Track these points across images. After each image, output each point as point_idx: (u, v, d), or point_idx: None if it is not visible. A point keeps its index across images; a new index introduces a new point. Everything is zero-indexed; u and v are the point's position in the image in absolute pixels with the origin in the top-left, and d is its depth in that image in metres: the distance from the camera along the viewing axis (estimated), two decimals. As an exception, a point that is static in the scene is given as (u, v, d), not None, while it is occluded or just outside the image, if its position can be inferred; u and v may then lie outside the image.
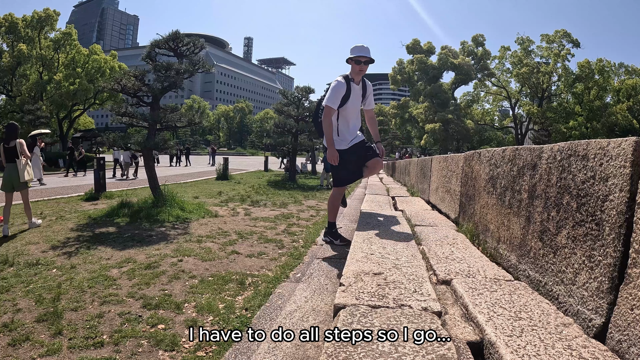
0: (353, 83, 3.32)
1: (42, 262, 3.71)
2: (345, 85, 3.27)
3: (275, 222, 6.00)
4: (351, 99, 3.32)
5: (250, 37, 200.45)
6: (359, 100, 3.42)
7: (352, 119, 3.40)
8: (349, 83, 3.29)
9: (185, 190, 9.86)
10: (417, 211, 4.74)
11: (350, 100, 3.32)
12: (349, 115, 3.36)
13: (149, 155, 7.26)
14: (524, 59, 38.36)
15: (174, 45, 7.20)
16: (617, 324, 1.27)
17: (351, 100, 3.32)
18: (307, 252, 4.28)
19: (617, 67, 38.87)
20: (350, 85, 3.29)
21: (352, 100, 3.33)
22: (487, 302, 1.65)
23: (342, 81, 3.28)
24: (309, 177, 17.57)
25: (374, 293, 1.81)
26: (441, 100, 42.42)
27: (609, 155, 1.41)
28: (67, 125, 31.90)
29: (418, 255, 2.54)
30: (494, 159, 2.73)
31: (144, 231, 5.16)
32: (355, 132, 3.52)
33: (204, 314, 2.62)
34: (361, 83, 3.42)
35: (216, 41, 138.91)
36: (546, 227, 1.83)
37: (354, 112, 3.39)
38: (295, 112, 15.36)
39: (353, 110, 3.37)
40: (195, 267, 3.62)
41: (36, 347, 2.15)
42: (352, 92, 3.30)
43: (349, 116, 3.36)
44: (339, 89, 3.26)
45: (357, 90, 3.37)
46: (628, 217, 1.29)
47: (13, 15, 28.04)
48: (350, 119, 3.38)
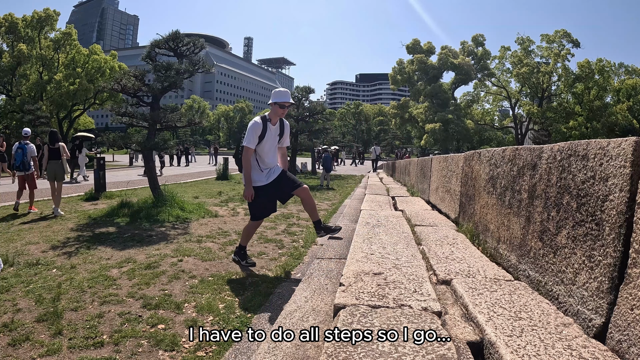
0: (269, 123, 3.64)
1: (42, 262, 3.71)
2: (261, 126, 3.57)
3: (275, 222, 6.00)
4: (267, 138, 3.60)
5: (250, 37, 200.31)
6: (276, 139, 3.73)
7: (267, 157, 3.67)
8: (266, 123, 3.61)
9: (185, 190, 9.86)
10: (417, 211, 4.74)
11: (266, 139, 3.60)
12: (264, 153, 3.64)
13: (149, 155, 7.26)
14: (524, 59, 38.32)
15: (174, 45, 7.20)
16: (617, 324, 1.27)
17: (267, 139, 3.61)
18: (307, 252, 4.28)
19: (617, 67, 38.83)
20: (266, 126, 3.60)
21: (268, 139, 3.62)
22: (487, 302, 1.65)
23: (259, 122, 3.58)
24: (309, 177, 17.57)
25: (374, 293, 1.81)
26: (441, 100, 42.39)
27: (609, 155, 1.41)
28: (67, 125, 31.90)
29: (418, 255, 2.54)
30: (494, 159, 2.73)
31: (144, 231, 5.16)
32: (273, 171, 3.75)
33: (204, 314, 2.62)
34: (278, 123, 3.73)
35: (216, 41, 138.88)
36: (546, 227, 1.83)
37: (269, 150, 3.68)
38: (295, 112, 15.37)
39: (269, 148, 3.66)
40: (195, 267, 3.62)
41: (36, 347, 2.15)
42: (268, 131, 3.60)
43: (264, 154, 3.64)
44: (255, 129, 3.54)
45: (273, 130, 3.67)
46: (628, 217, 1.29)
47: (13, 15, 28.02)
48: (266, 157, 3.66)
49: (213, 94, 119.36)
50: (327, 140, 35.15)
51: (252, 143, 3.52)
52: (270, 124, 3.63)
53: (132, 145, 7.05)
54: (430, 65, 43.55)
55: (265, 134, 3.58)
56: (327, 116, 16.96)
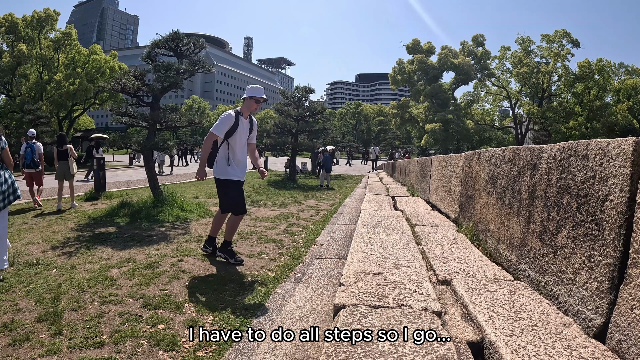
0: (242, 117, 3.69)
1: (42, 262, 3.71)
2: (234, 118, 3.62)
3: (275, 222, 6.00)
4: (238, 131, 3.65)
5: (250, 37, 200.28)
6: (246, 134, 3.76)
7: (239, 151, 3.71)
8: (238, 117, 3.66)
9: (185, 190, 9.86)
10: (417, 211, 4.74)
11: (238, 132, 3.65)
12: (237, 147, 3.68)
13: (149, 155, 7.26)
14: (524, 59, 38.30)
15: (174, 45, 7.20)
16: (617, 324, 1.27)
17: (238, 132, 3.66)
18: (307, 252, 4.28)
19: (617, 67, 38.80)
20: (238, 119, 3.65)
21: (239, 132, 3.67)
22: (487, 302, 1.64)
23: (232, 114, 3.63)
24: (309, 177, 17.57)
25: (374, 293, 1.81)
26: (441, 100, 42.38)
27: (609, 155, 1.41)
28: (67, 125, 31.90)
29: (418, 255, 2.54)
30: (494, 159, 2.73)
31: (144, 231, 5.16)
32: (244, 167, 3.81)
33: (204, 314, 2.62)
34: (249, 118, 3.78)
35: (216, 41, 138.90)
36: (546, 227, 1.83)
37: (241, 144, 3.72)
38: (295, 112, 15.36)
39: (240, 142, 3.71)
40: (195, 267, 3.62)
41: (36, 347, 2.15)
42: (240, 125, 3.66)
43: (237, 148, 3.68)
44: (227, 120, 3.59)
45: (244, 124, 3.72)
46: (628, 217, 1.29)
47: (13, 15, 28.00)
48: (238, 151, 3.70)
49: (213, 94, 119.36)
50: (327, 140, 35.15)
51: (219, 131, 3.57)
52: (242, 117, 3.70)
53: (132, 146, 7.05)
54: (430, 65, 43.53)
55: (238, 127, 3.64)
56: (327, 116, 16.93)
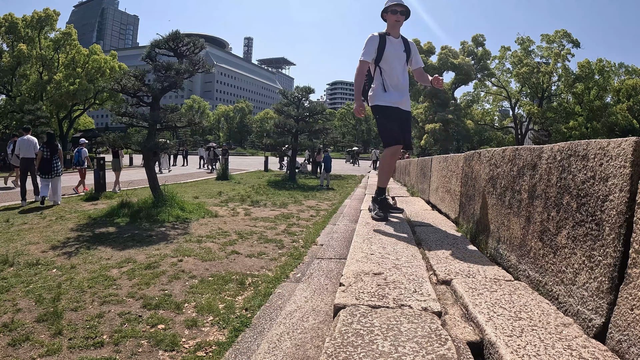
0: (390, 37, 3.18)
1: (42, 262, 3.71)
2: (377, 38, 3.15)
3: (275, 222, 6.00)
4: (389, 50, 3.14)
5: (250, 37, 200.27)
6: (402, 56, 3.22)
7: (398, 74, 3.16)
8: (384, 36, 3.16)
9: (185, 191, 9.86)
10: (417, 211, 4.74)
11: (388, 51, 3.14)
12: (394, 70, 3.15)
13: (149, 155, 7.26)
14: (524, 59, 38.32)
15: (174, 46, 7.20)
16: (617, 324, 1.27)
17: (389, 52, 3.14)
18: (307, 252, 4.28)
19: (617, 67, 38.81)
20: (385, 39, 3.16)
21: (391, 52, 3.15)
22: (487, 302, 1.65)
23: (376, 34, 3.17)
24: (309, 177, 17.56)
25: (374, 293, 1.81)
26: (441, 100, 42.41)
27: (609, 156, 1.41)
28: (67, 125, 31.90)
29: (418, 255, 2.54)
30: (494, 159, 2.73)
31: (144, 231, 5.16)
32: (406, 93, 3.28)
33: (204, 314, 2.62)
34: (401, 39, 3.24)
35: (216, 41, 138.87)
36: (546, 227, 1.83)
37: (399, 66, 3.16)
38: (295, 112, 15.36)
39: (397, 63, 3.16)
40: (195, 267, 3.62)
41: (36, 347, 2.16)
42: (388, 44, 3.14)
43: (394, 70, 3.15)
44: (371, 41, 3.14)
45: (395, 44, 3.19)
46: (628, 217, 1.29)
47: (13, 15, 28.01)
48: (396, 74, 3.15)
49: (213, 94, 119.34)
50: (327, 140, 35.20)
51: (367, 56, 3.11)
52: (392, 37, 3.18)
53: (132, 146, 7.05)
54: (430, 65, 43.54)
55: (386, 47, 3.13)
56: (327, 116, 16.92)
